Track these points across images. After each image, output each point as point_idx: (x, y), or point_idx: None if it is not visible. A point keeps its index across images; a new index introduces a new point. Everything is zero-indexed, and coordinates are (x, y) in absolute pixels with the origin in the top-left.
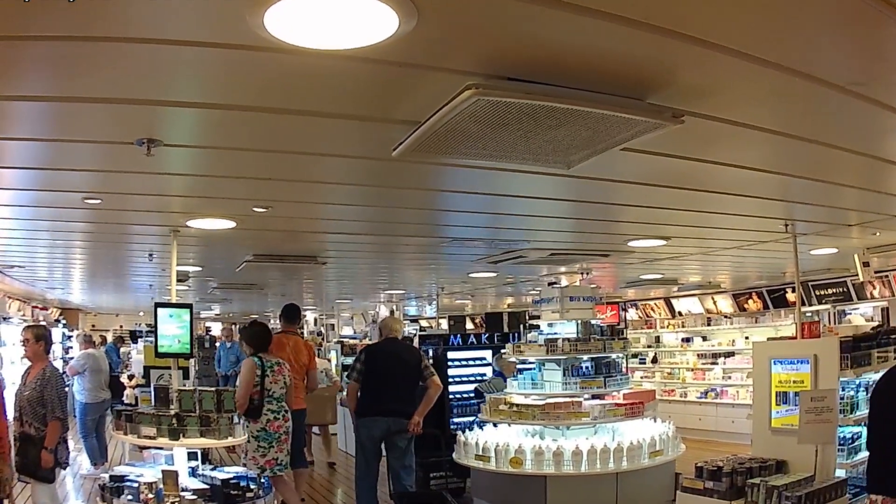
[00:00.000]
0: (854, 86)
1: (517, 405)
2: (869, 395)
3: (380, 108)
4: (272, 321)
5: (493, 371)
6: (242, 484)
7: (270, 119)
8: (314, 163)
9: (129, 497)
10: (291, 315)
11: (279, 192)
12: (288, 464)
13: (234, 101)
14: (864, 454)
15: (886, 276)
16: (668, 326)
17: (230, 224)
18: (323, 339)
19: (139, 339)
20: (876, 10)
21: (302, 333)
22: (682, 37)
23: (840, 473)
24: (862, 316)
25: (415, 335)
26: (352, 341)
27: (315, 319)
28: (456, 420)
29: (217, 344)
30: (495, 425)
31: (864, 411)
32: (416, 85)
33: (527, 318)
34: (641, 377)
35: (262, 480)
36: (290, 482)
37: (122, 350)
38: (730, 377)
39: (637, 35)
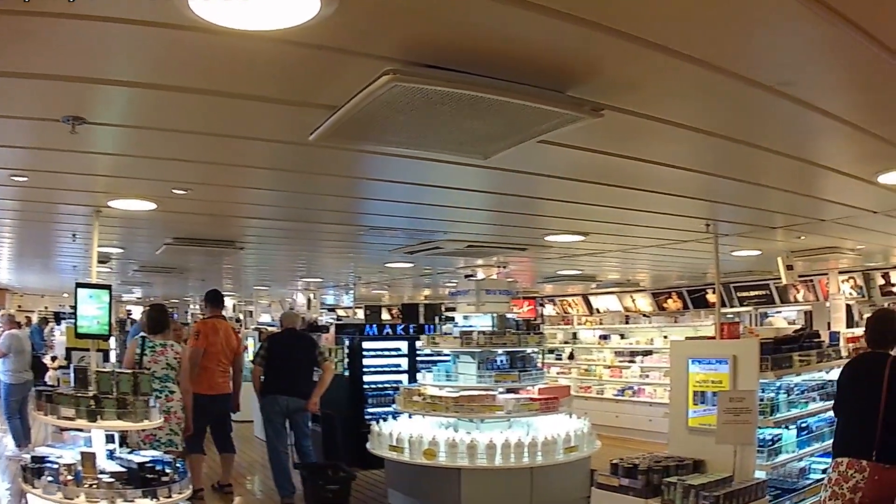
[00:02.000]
0: (783, 86)
1: (431, 397)
2: (838, 377)
3: (299, 92)
4: (192, 305)
5: None
6: (158, 468)
7: (191, 100)
8: (233, 146)
9: (50, 478)
10: (218, 300)
11: (198, 174)
12: (177, 444)
13: (158, 80)
14: (784, 456)
15: (811, 281)
16: (585, 323)
17: (151, 206)
18: (241, 325)
19: (62, 321)
20: (808, 9)
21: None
22: (607, 30)
23: (760, 475)
24: (784, 319)
25: (331, 325)
26: (270, 328)
27: (234, 306)
28: (371, 410)
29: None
30: (410, 416)
31: (784, 413)
32: (336, 69)
33: (443, 310)
34: (557, 373)
35: (178, 465)
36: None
37: (45, 331)
38: (647, 376)
39: (560, 26)
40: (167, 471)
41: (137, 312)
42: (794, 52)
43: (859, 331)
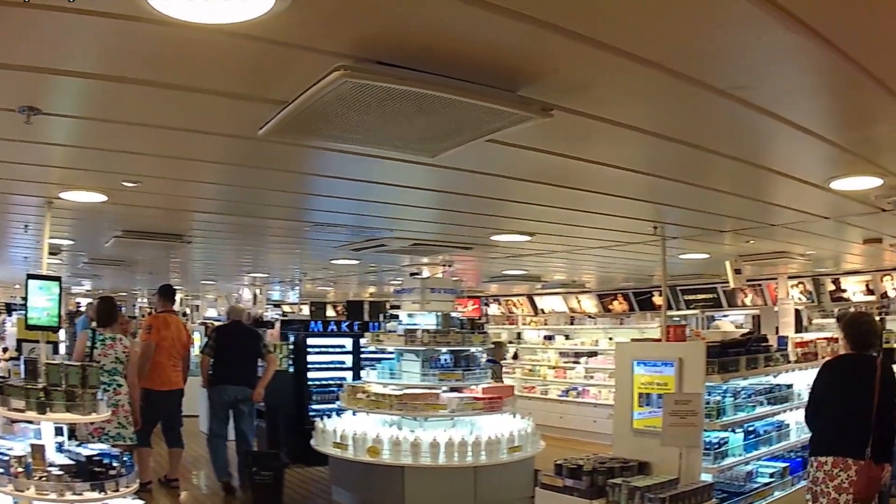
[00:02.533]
0: (737, 90)
1: (375, 394)
2: (816, 379)
3: (251, 86)
4: (140, 299)
5: (487, 361)
6: (106, 461)
7: (145, 92)
8: (183, 139)
9: (0, 470)
10: (170, 294)
11: (149, 167)
12: (126, 437)
13: (114, 72)
14: (731, 459)
15: (759, 285)
16: (530, 323)
17: (102, 198)
18: (188, 319)
19: (13, 312)
20: (766, 14)
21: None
22: (559, 29)
23: (706, 478)
24: (732, 323)
25: (277, 320)
26: (216, 323)
27: (181, 300)
28: (315, 407)
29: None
30: (354, 413)
31: (730, 417)
32: (289, 64)
33: (387, 307)
34: (502, 372)
35: (125, 459)
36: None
37: None
38: (592, 377)
39: (513, 25)
40: (115, 464)
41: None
42: (749, 56)
43: (809, 336)
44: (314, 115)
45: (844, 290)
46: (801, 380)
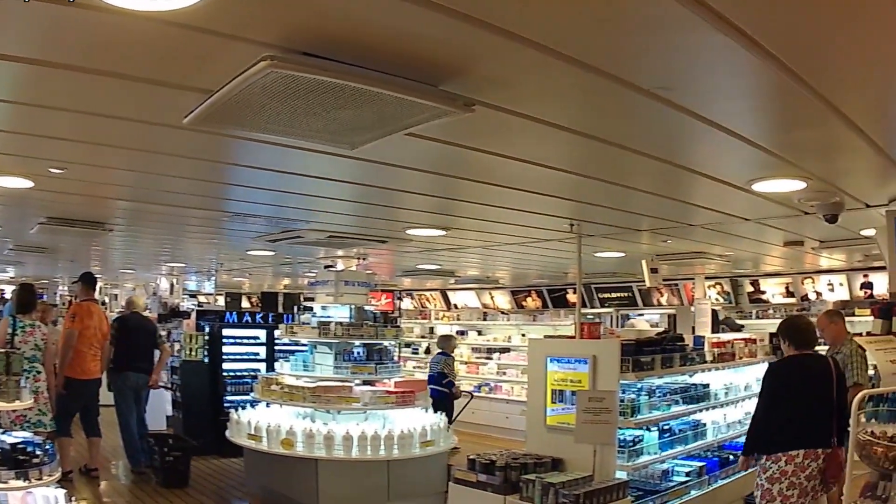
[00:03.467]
0: (659, 90)
1: (289, 386)
2: (770, 379)
3: (178, 74)
4: (61, 286)
5: (438, 353)
6: (29, 449)
7: (72, 77)
8: (109, 125)
9: None
10: (92, 283)
11: (74, 153)
12: (46, 424)
13: (41, 56)
14: (646, 457)
15: (676, 285)
16: (443, 318)
17: (29, 184)
18: (107, 308)
19: None
20: (688, 14)
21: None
22: (484, 25)
23: (621, 475)
24: (647, 322)
25: (192, 311)
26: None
27: (100, 289)
28: (230, 398)
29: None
30: (268, 405)
31: (645, 415)
32: (217, 53)
33: (301, 299)
34: (414, 367)
35: (47, 447)
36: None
37: None
38: (504, 373)
39: (437, 19)
40: (38, 452)
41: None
42: (675, 57)
43: (726, 336)
44: (239, 104)
45: (763, 292)
46: (718, 380)
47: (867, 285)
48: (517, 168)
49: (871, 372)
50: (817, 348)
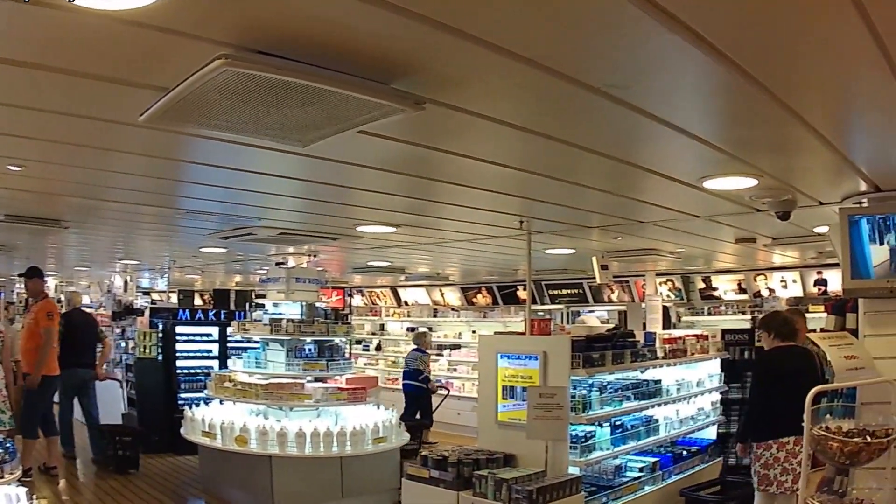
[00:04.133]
0: (610, 88)
1: (242, 383)
2: (761, 370)
3: (135, 72)
4: (18, 284)
5: (414, 350)
6: None
7: (30, 75)
8: (66, 123)
9: None
10: (42, 277)
11: (33, 151)
12: (5, 422)
13: (3, 53)
14: (599, 453)
15: (627, 282)
16: (393, 315)
17: None
18: (62, 305)
19: None
20: (639, 13)
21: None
22: (436, 24)
23: (574, 471)
24: (597, 318)
25: (146, 308)
26: (87, 310)
27: (56, 286)
28: (184, 395)
29: None
30: (221, 402)
31: (597, 411)
32: (172, 51)
33: (253, 296)
34: (365, 364)
35: (8, 445)
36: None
37: None
38: (455, 369)
39: (389, 17)
40: None
41: None
42: (626, 56)
43: (677, 332)
44: (194, 102)
45: (715, 289)
46: (670, 376)
47: (821, 282)
48: (468, 165)
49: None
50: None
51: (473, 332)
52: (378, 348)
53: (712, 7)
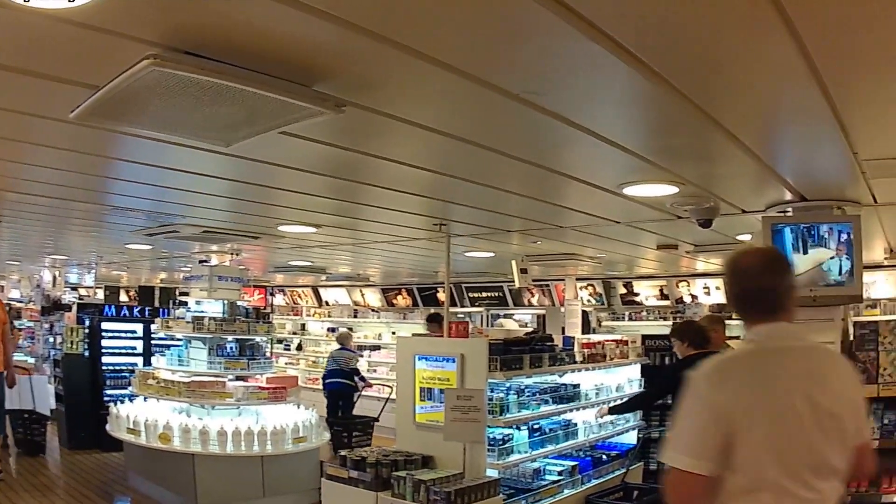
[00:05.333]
0: (528, 94)
1: (165, 381)
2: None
3: (65, 69)
4: None
5: (342, 349)
6: None
7: None
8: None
9: None
10: None
11: None
12: None
13: None
14: (517, 456)
15: (547, 286)
16: (314, 315)
17: None
18: None
19: None
20: (558, 22)
21: None
22: (355, 28)
23: (492, 473)
24: (516, 321)
25: (73, 303)
26: (17, 304)
27: None
28: (110, 392)
29: None
30: (145, 399)
31: (514, 414)
32: (103, 50)
33: (177, 294)
34: (286, 363)
35: None
36: None
37: None
38: (375, 370)
39: (311, 21)
40: None
41: None
42: (544, 63)
43: (596, 337)
44: (124, 100)
45: (637, 294)
46: (589, 380)
47: None
48: (388, 168)
49: None
50: None
51: (393, 333)
52: (299, 348)
53: (633, 16)
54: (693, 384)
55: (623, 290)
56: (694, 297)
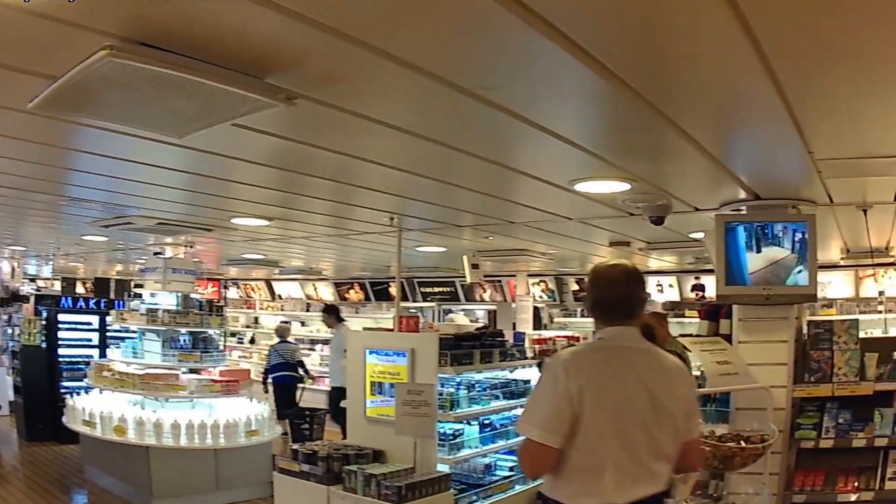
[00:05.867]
0: (482, 90)
1: (120, 373)
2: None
3: (24, 59)
4: None
5: (284, 341)
6: None
7: None
8: None
9: None
10: None
11: None
12: None
13: None
14: (468, 451)
15: (499, 281)
16: (267, 308)
17: None
18: None
19: None
20: (512, 18)
21: None
22: (309, 21)
23: (443, 468)
24: (467, 317)
25: (31, 295)
26: None
27: None
28: (66, 384)
29: None
30: (101, 391)
31: (465, 409)
32: (62, 41)
33: (132, 286)
34: (239, 356)
35: None
36: None
37: None
38: (327, 364)
39: (264, 14)
40: None
41: None
42: (497, 59)
43: (547, 333)
44: (81, 91)
45: None
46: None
47: (699, 287)
48: (341, 162)
49: (696, 373)
50: None
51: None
52: (252, 341)
53: (588, 15)
54: (550, 369)
55: (575, 287)
56: (647, 294)
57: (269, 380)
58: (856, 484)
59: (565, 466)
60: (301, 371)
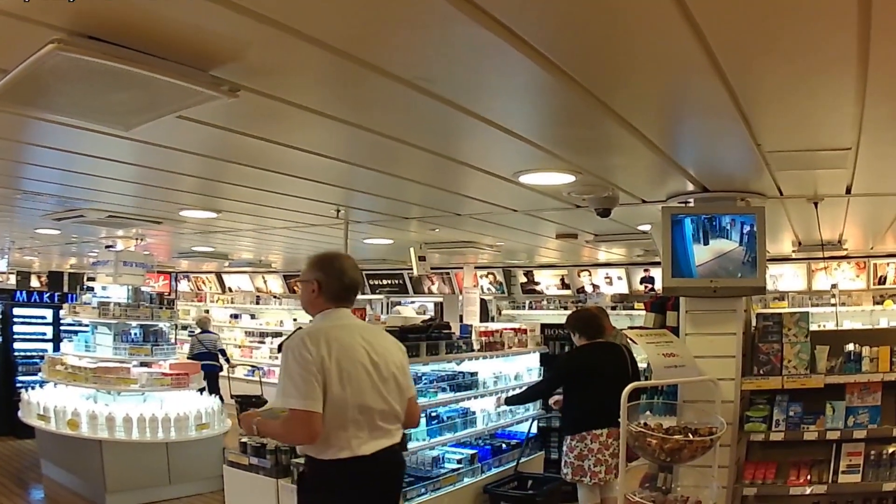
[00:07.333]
0: (421, 80)
1: (73, 367)
2: (569, 365)
3: None
4: None
5: (208, 332)
6: None
7: None
8: None
9: None
10: None
11: None
12: None
13: None
14: (415, 444)
15: (447, 273)
16: (218, 301)
17: None
18: None
19: None
20: (451, 10)
21: None
22: (248, 12)
23: None
24: (414, 309)
25: None
26: None
27: None
28: (22, 378)
29: None
30: (55, 385)
31: None
32: (14, 35)
33: (85, 279)
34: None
35: None
36: None
37: None
38: (277, 357)
39: (205, 6)
40: None
41: None
42: (436, 50)
43: (494, 325)
44: (31, 85)
45: (538, 283)
46: (487, 368)
47: (648, 280)
48: (285, 153)
49: (642, 365)
50: None
51: (295, 319)
52: None
53: (530, 7)
54: (294, 349)
55: (524, 279)
56: (596, 286)
57: None
58: (808, 477)
59: (323, 429)
60: (222, 359)
